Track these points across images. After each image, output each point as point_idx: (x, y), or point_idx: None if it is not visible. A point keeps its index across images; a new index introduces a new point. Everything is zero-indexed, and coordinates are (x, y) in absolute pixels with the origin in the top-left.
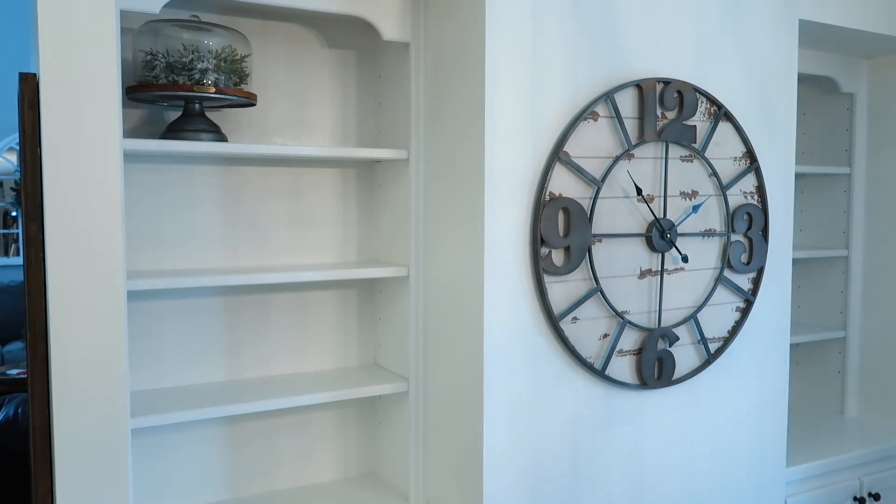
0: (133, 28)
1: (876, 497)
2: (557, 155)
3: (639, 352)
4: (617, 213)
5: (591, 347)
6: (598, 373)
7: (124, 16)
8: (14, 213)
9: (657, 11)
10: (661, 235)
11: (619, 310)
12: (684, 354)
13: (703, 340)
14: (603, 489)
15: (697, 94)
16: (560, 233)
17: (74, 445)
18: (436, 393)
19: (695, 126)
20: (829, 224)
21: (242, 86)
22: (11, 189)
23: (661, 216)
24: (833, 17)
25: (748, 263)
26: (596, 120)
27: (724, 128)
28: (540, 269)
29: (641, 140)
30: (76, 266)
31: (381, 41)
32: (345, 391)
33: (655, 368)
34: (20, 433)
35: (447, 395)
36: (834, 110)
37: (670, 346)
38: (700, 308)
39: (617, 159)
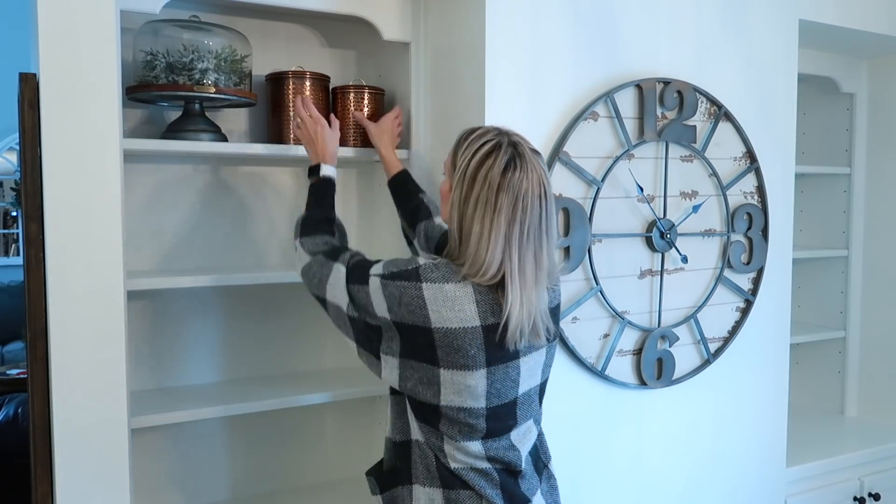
0: (133, 28)
1: (876, 497)
2: (557, 155)
3: (639, 352)
4: (617, 214)
5: (591, 347)
6: (598, 373)
7: (124, 16)
8: (14, 213)
9: (657, 11)
10: (661, 235)
11: (619, 310)
12: (684, 354)
13: (703, 340)
14: (603, 489)
15: (697, 94)
16: (560, 233)
17: (74, 445)
18: None
19: (695, 126)
20: (829, 224)
21: (242, 86)
22: (11, 189)
23: (661, 216)
24: (833, 17)
25: (748, 263)
26: (596, 120)
27: (724, 128)
28: None
29: (641, 140)
30: (76, 266)
31: (381, 41)
32: (344, 391)
33: (655, 368)
34: (20, 433)
35: None
36: (834, 110)
37: (670, 346)
38: (700, 308)
39: (617, 159)
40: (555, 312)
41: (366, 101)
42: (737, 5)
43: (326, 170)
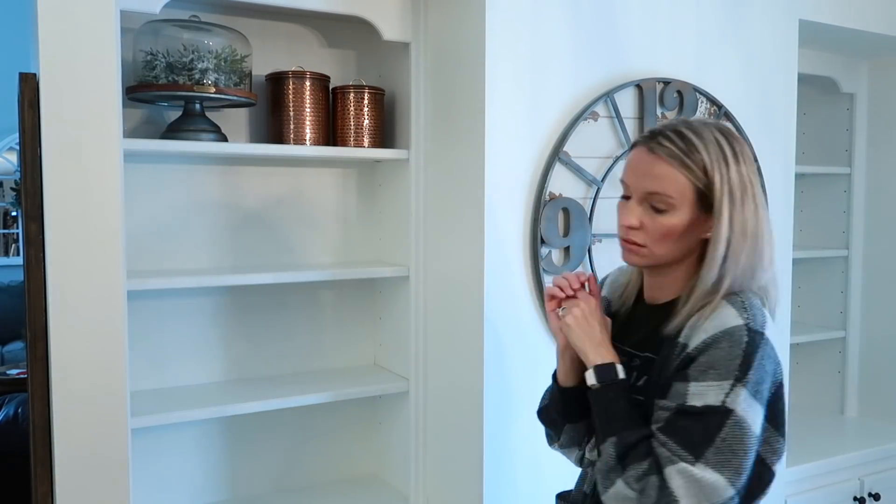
0: (133, 28)
1: (876, 497)
2: (557, 155)
3: None
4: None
5: None
6: None
7: (124, 16)
8: (14, 213)
9: (657, 11)
10: None
11: None
12: None
13: None
14: None
15: (697, 94)
16: (560, 233)
17: (74, 445)
18: (436, 393)
19: None
20: (829, 224)
21: (242, 86)
22: (11, 189)
23: None
24: (833, 17)
25: None
26: (596, 120)
27: None
28: (540, 268)
29: None
30: (76, 266)
31: (381, 41)
32: (345, 391)
33: None
34: (20, 433)
35: (447, 395)
36: (834, 110)
37: None
38: None
39: (617, 159)
40: None
41: (366, 101)
42: (737, 5)
43: (622, 371)
